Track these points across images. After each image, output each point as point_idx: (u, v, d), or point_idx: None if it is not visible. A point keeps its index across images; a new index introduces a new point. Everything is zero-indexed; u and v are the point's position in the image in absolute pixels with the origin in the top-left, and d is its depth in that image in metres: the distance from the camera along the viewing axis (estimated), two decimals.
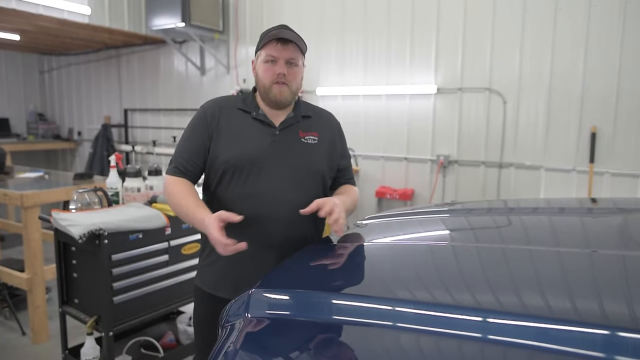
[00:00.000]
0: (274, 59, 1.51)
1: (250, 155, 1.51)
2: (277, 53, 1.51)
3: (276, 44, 1.50)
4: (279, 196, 1.50)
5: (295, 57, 1.53)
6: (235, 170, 1.51)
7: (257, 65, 1.58)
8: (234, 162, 1.50)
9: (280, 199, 1.50)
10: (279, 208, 1.50)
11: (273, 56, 1.51)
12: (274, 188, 1.50)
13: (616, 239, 1.36)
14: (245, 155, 1.51)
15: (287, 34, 1.49)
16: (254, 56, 1.61)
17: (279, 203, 1.50)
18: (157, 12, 4.90)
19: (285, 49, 1.51)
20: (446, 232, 1.55)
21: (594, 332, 0.75)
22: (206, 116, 1.57)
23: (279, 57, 1.51)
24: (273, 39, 1.50)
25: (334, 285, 1.13)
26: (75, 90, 7.11)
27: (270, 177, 1.50)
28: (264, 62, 1.53)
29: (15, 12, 4.23)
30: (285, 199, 1.51)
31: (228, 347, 0.93)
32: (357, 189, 1.75)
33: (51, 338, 3.19)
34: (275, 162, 1.52)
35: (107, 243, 2.19)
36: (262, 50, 1.53)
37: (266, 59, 1.52)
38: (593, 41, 3.41)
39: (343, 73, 4.57)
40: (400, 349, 0.85)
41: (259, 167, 1.51)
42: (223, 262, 1.54)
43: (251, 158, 1.51)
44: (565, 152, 3.60)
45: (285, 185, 1.52)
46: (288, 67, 1.52)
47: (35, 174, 3.89)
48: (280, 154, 1.54)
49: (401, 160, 4.34)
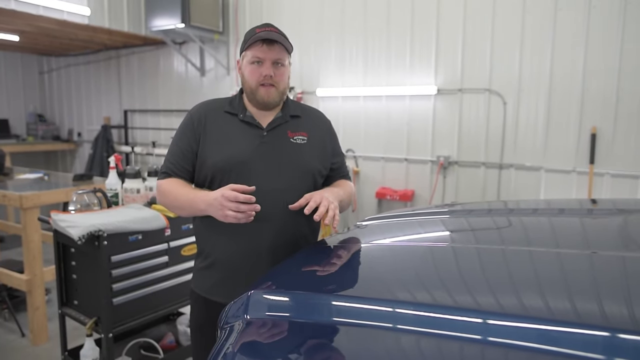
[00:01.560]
0: (259, 60, 1.50)
1: (238, 158, 1.50)
2: (262, 54, 1.49)
3: (261, 45, 1.48)
4: (269, 198, 1.48)
5: (281, 57, 1.51)
6: (224, 174, 1.49)
7: (242, 66, 1.56)
8: (222, 165, 1.49)
9: (271, 201, 1.48)
10: (270, 210, 1.47)
11: (259, 57, 1.49)
12: (264, 190, 1.47)
13: (616, 240, 1.36)
14: (233, 158, 1.50)
15: (272, 35, 1.47)
16: (239, 56, 1.60)
17: (270, 205, 1.47)
18: (157, 13, 4.89)
19: (271, 50, 1.49)
20: (446, 233, 1.55)
21: (594, 333, 0.75)
22: (193, 121, 1.57)
23: (265, 59, 1.49)
24: (258, 40, 1.48)
25: (333, 287, 1.13)
26: (75, 91, 7.11)
27: (259, 179, 1.48)
28: (250, 64, 1.51)
29: (14, 13, 4.23)
30: (276, 200, 1.49)
31: (227, 348, 0.93)
32: (351, 184, 1.75)
33: (50, 339, 3.19)
34: (264, 164, 1.51)
35: (107, 244, 2.19)
36: (248, 51, 1.51)
37: (252, 60, 1.50)
38: (593, 42, 3.41)
39: (343, 74, 4.57)
40: (399, 351, 0.84)
41: (248, 170, 1.49)
42: (219, 265, 1.54)
43: (239, 161, 1.49)
44: (565, 153, 3.60)
45: (275, 186, 1.50)
46: (274, 67, 1.51)
47: (34, 175, 3.89)
48: (268, 156, 1.52)
49: (401, 161, 4.34)
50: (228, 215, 1.33)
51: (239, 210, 1.32)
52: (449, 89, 4.02)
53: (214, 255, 1.56)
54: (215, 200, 1.35)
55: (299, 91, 4.79)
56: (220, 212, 1.34)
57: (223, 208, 1.33)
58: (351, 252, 1.39)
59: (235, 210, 1.32)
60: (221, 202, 1.33)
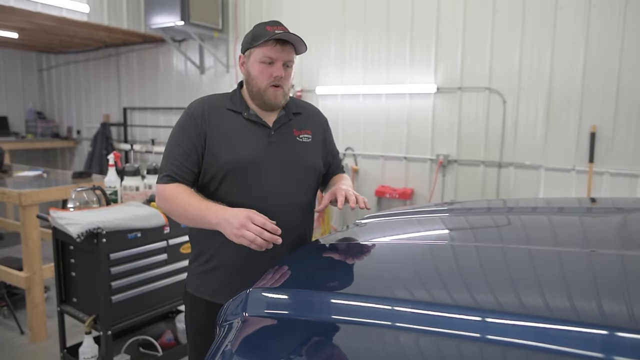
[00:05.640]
0: (271, 60, 1.45)
1: (248, 158, 1.46)
2: (275, 55, 1.44)
3: (275, 44, 1.43)
4: (281, 197, 1.48)
5: (292, 59, 1.48)
6: (235, 174, 1.46)
7: (249, 63, 1.49)
8: (234, 165, 1.45)
9: (283, 200, 1.48)
10: (283, 209, 1.47)
11: (271, 58, 1.44)
12: (276, 189, 1.48)
13: (615, 238, 1.36)
14: (244, 158, 1.46)
15: (288, 36, 1.42)
16: (242, 52, 1.52)
17: (283, 204, 1.47)
18: (156, 11, 4.88)
19: (284, 51, 1.45)
20: (446, 231, 1.55)
21: (592, 332, 0.75)
22: (195, 118, 1.48)
23: (277, 59, 1.45)
24: (271, 39, 1.41)
25: (332, 285, 1.13)
26: (74, 88, 7.10)
27: (271, 179, 1.47)
28: (260, 62, 1.45)
29: (13, 10, 4.22)
30: (288, 199, 1.50)
31: (225, 346, 0.93)
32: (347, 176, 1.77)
33: (49, 337, 3.19)
34: (273, 164, 1.49)
35: (106, 242, 2.18)
36: (258, 49, 1.45)
37: (262, 60, 1.45)
38: (593, 40, 3.40)
39: (343, 72, 4.57)
40: (398, 349, 0.84)
41: (258, 170, 1.47)
42: (224, 268, 1.50)
43: (249, 161, 1.46)
44: (564, 152, 3.60)
45: (285, 185, 1.50)
46: (284, 69, 1.47)
47: (33, 173, 3.89)
48: (278, 155, 1.51)
49: (401, 160, 4.34)
50: (245, 236, 1.24)
51: (260, 236, 1.24)
52: (449, 88, 4.02)
53: (217, 258, 1.51)
54: (234, 218, 1.27)
55: (299, 89, 4.79)
56: (237, 230, 1.26)
57: (242, 228, 1.25)
58: (350, 250, 1.39)
59: (256, 235, 1.24)
60: (244, 222, 1.25)
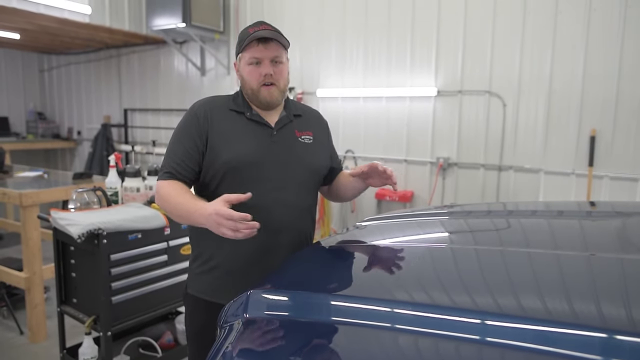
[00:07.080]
0: (258, 61, 1.48)
1: (250, 157, 1.47)
2: (259, 54, 1.47)
3: (257, 44, 1.46)
4: (282, 197, 1.48)
5: (279, 54, 1.49)
6: (236, 173, 1.46)
7: (240, 67, 1.53)
8: (235, 164, 1.46)
9: (283, 200, 1.49)
10: (282, 209, 1.48)
11: (256, 57, 1.47)
12: (277, 189, 1.48)
13: (615, 242, 1.36)
14: (246, 157, 1.47)
15: (267, 33, 1.44)
16: (236, 58, 1.57)
17: (283, 204, 1.48)
18: (158, 12, 4.90)
19: (268, 49, 1.47)
20: (445, 234, 1.56)
21: (592, 335, 0.75)
22: (198, 117, 1.50)
23: (262, 58, 1.47)
24: (253, 40, 1.45)
25: (332, 287, 1.13)
26: (75, 89, 7.11)
27: (272, 178, 1.48)
28: (248, 65, 1.49)
29: (15, 11, 4.24)
30: (288, 200, 1.50)
31: (226, 347, 0.93)
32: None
33: (49, 337, 3.19)
34: (274, 163, 1.50)
35: (106, 243, 2.19)
36: (245, 53, 1.49)
37: (250, 61, 1.48)
38: (593, 45, 3.41)
39: (343, 75, 4.58)
40: (397, 351, 0.85)
41: (259, 169, 1.48)
42: (223, 268, 1.50)
43: (251, 160, 1.47)
44: (564, 155, 3.61)
45: (286, 185, 1.51)
46: (273, 65, 1.49)
47: (34, 173, 3.89)
48: (279, 155, 1.52)
49: (401, 162, 4.34)
50: (225, 233, 1.24)
51: (236, 229, 1.22)
52: (449, 91, 4.03)
53: (216, 258, 1.51)
54: (209, 217, 1.26)
55: (299, 91, 4.80)
56: (217, 228, 1.25)
57: (220, 226, 1.24)
58: (350, 252, 1.39)
59: (234, 229, 1.22)
60: (215, 219, 1.24)
